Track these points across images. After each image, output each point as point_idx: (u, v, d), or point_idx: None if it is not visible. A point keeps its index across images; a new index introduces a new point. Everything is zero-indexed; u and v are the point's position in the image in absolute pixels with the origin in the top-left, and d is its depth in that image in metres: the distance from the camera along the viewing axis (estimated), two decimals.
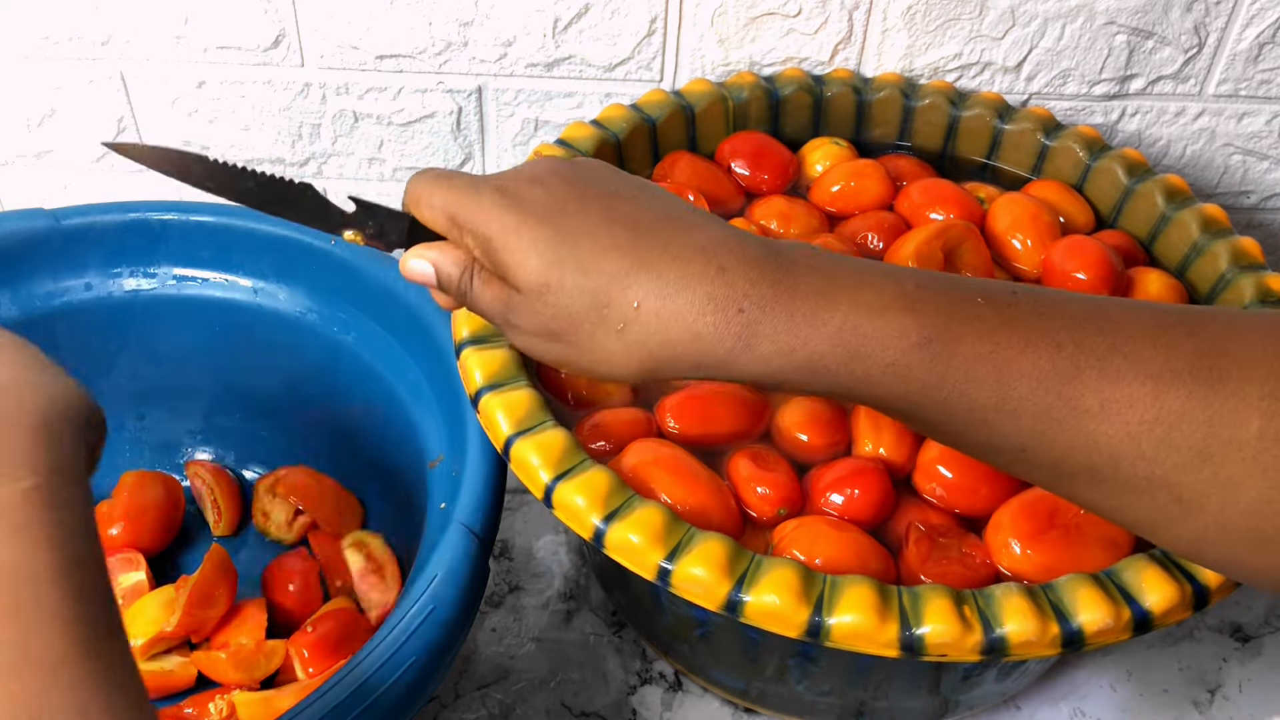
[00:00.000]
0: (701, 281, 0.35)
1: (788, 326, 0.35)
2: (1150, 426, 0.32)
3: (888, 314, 0.34)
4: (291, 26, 0.65)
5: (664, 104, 0.62)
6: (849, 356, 0.35)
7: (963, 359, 0.34)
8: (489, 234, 0.37)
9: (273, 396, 0.62)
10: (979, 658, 0.38)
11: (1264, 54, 0.67)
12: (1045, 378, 0.33)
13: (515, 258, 0.36)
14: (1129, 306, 0.35)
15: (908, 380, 0.34)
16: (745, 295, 0.35)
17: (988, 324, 0.34)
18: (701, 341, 0.35)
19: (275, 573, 0.57)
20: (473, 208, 0.38)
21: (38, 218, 0.58)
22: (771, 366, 0.35)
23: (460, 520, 0.44)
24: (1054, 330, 0.34)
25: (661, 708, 0.54)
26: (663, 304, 0.35)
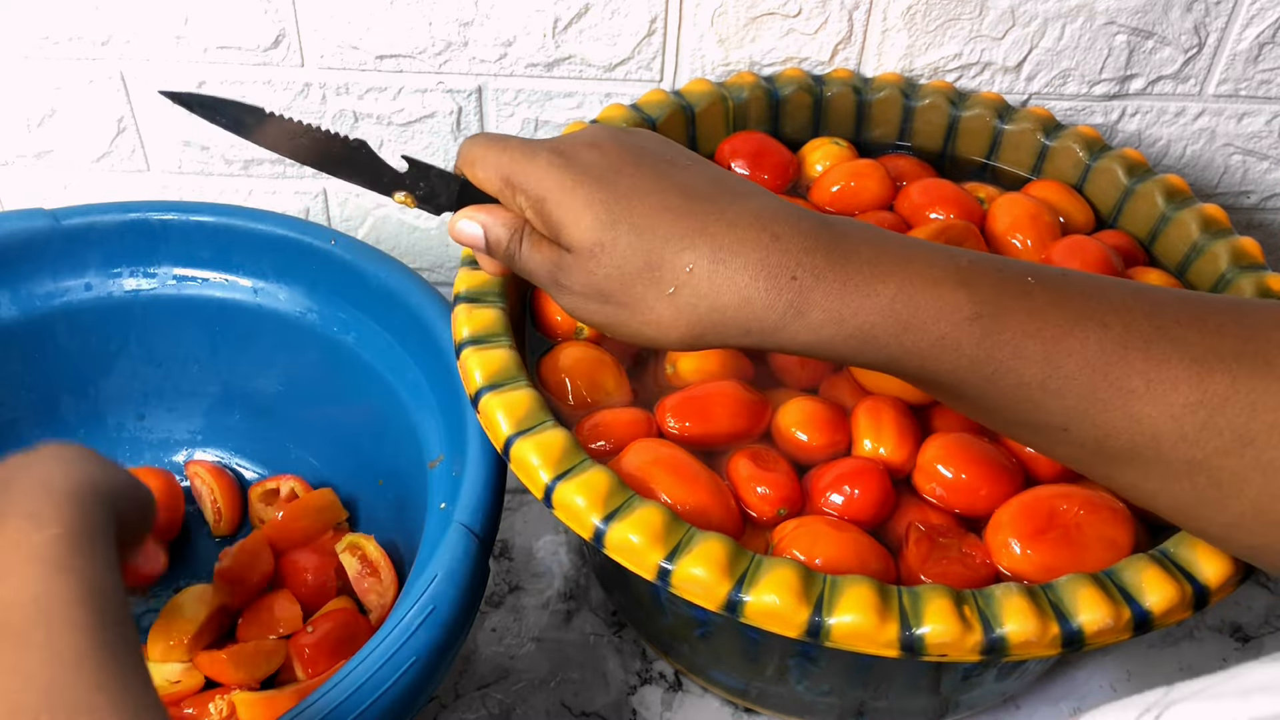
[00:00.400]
0: (755, 248, 0.35)
1: (840, 295, 0.35)
2: (1194, 409, 0.33)
3: (941, 287, 0.35)
4: (291, 26, 0.65)
5: (664, 104, 0.62)
6: (900, 328, 0.35)
7: (1012, 334, 0.34)
8: (543, 193, 0.37)
9: (273, 396, 0.62)
10: (979, 658, 0.38)
11: (1264, 54, 0.67)
12: (1092, 356, 0.34)
13: (570, 216, 0.37)
14: (1176, 293, 0.35)
15: (957, 354, 0.35)
16: (799, 263, 0.35)
17: (1037, 301, 0.34)
18: (753, 306, 0.35)
19: (289, 568, 0.57)
20: (528, 167, 0.38)
21: (38, 218, 0.58)
22: (822, 335, 0.35)
23: (460, 520, 0.44)
24: (1102, 311, 0.34)
25: (661, 708, 0.54)
26: (716, 268, 0.35)
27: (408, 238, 0.76)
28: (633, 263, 0.36)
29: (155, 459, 0.63)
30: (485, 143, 0.40)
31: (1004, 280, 0.35)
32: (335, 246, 0.57)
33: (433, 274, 0.78)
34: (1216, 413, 0.32)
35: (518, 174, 0.38)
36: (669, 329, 0.37)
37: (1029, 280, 0.35)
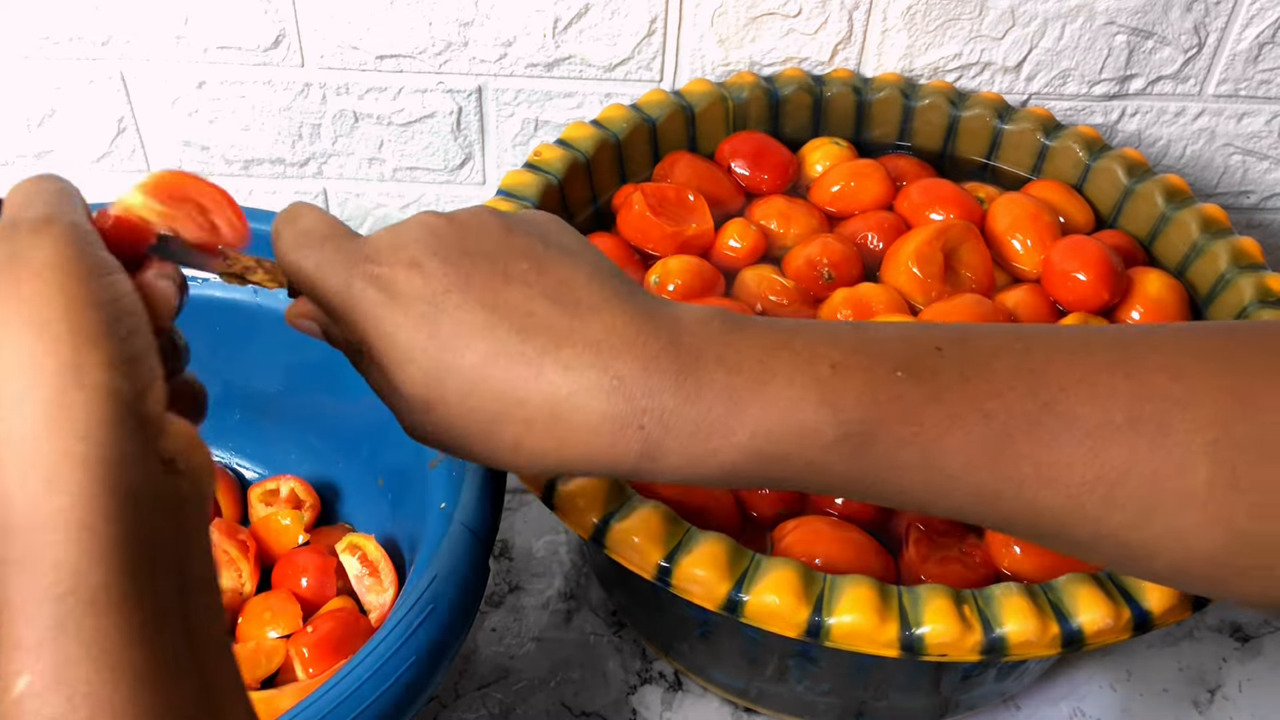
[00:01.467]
0: (595, 397, 0.32)
1: (693, 440, 0.32)
2: (1091, 486, 0.30)
3: (800, 412, 0.31)
4: (291, 26, 0.65)
5: (664, 104, 0.62)
6: (764, 462, 0.32)
7: (885, 447, 0.32)
8: (365, 336, 0.33)
9: (273, 396, 0.62)
10: (979, 658, 0.38)
11: (1264, 54, 0.67)
12: (975, 454, 0.31)
13: (394, 366, 0.33)
14: (1062, 349, 0.32)
15: (829, 475, 0.32)
16: (644, 410, 0.32)
17: (909, 403, 0.31)
18: (601, 458, 0.32)
19: (287, 568, 0.57)
20: (344, 301, 0.34)
21: None
22: (682, 475, 0.33)
23: (460, 520, 0.44)
24: (982, 398, 0.31)
25: (661, 708, 0.54)
26: (556, 422, 0.32)
27: None
28: (468, 420, 0.33)
29: None
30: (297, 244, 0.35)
31: (872, 384, 0.32)
32: None
33: None
34: (1116, 487, 0.30)
35: (333, 307, 0.34)
36: (525, 472, 0.35)
37: (899, 376, 0.32)
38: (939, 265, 0.54)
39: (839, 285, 0.55)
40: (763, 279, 0.56)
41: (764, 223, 0.59)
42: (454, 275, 0.33)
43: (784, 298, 0.55)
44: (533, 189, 0.56)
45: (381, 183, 0.73)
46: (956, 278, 0.55)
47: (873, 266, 0.58)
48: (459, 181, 0.73)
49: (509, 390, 0.32)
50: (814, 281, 0.56)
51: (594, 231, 0.59)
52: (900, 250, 0.55)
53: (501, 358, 0.32)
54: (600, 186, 0.61)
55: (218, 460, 0.64)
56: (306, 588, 0.56)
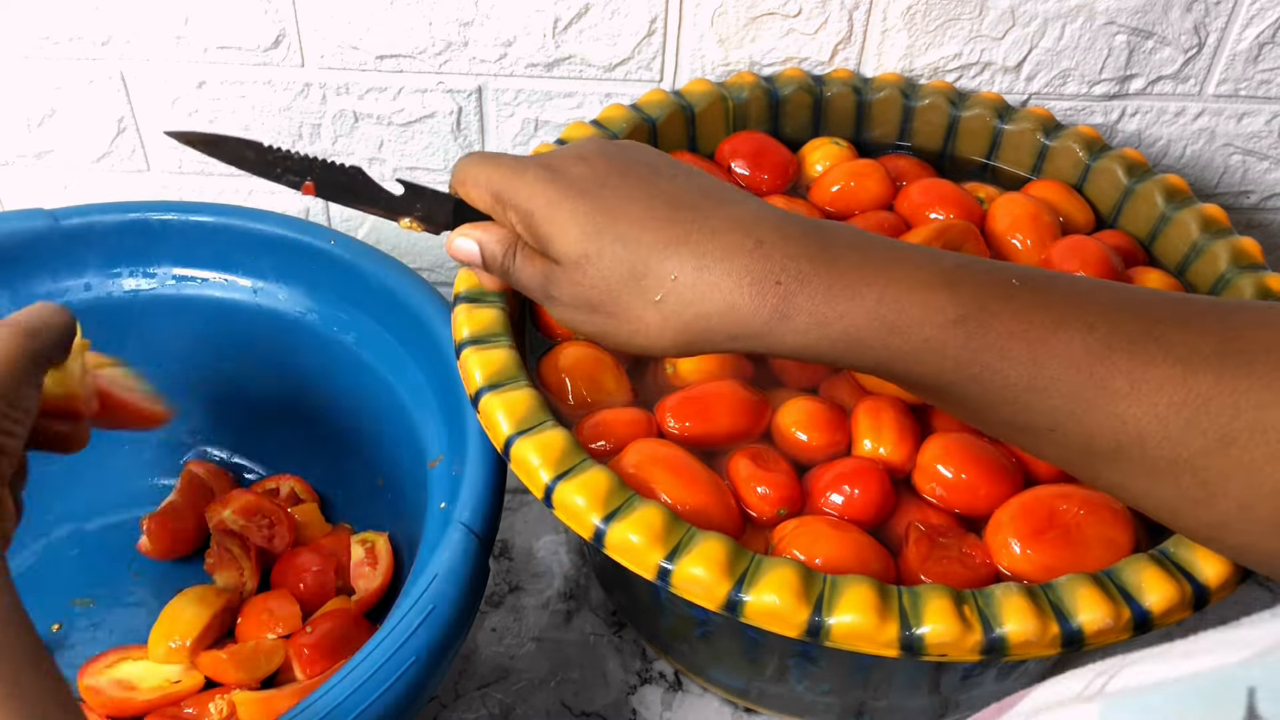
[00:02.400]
0: (739, 254, 0.35)
1: (825, 300, 0.35)
2: (1178, 409, 0.33)
3: (925, 290, 0.35)
4: (291, 26, 0.65)
5: (664, 104, 0.62)
6: (885, 331, 0.35)
7: (997, 336, 0.34)
8: (531, 208, 0.38)
9: (272, 397, 0.62)
10: (979, 658, 0.38)
11: (1264, 54, 0.67)
12: (1077, 357, 0.34)
13: (557, 229, 0.37)
14: (1161, 294, 0.36)
15: (943, 356, 0.35)
16: (783, 268, 0.35)
17: (1022, 303, 0.35)
18: (738, 312, 0.35)
19: (287, 568, 0.57)
20: (517, 183, 0.38)
21: (37, 218, 0.58)
22: (808, 339, 0.36)
23: (460, 520, 0.44)
24: (1087, 312, 0.34)
25: (661, 708, 0.54)
26: (699, 275, 0.35)
27: (408, 238, 0.76)
28: (618, 272, 0.37)
29: (157, 459, 0.63)
30: (477, 161, 0.41)
31: (989, 282, 0.35)
32: (335, 246, 0.57)
33: (433, 274, 0.78)
34: (1200, 412, 0.33)
35: (507, 190, 0.39)
36: (657, 336, 0.37)
37: (1014, 282, 0.35)
38: None
39: None
40: None
41: None
42: (614, 166, 0.38)
43: None
44: None
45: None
46: None
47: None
48: None
49: (659, 247, 0.36)
50: None
51: None
52: None
53: (654, 221, 0.37)
54: None
55: (219, 460, 0.64)
56: (306, 588, 0.56)
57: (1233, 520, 0.33)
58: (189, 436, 0.64)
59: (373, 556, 0.56)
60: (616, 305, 0.37)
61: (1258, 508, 0.32)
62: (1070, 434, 0.35)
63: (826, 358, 0.36)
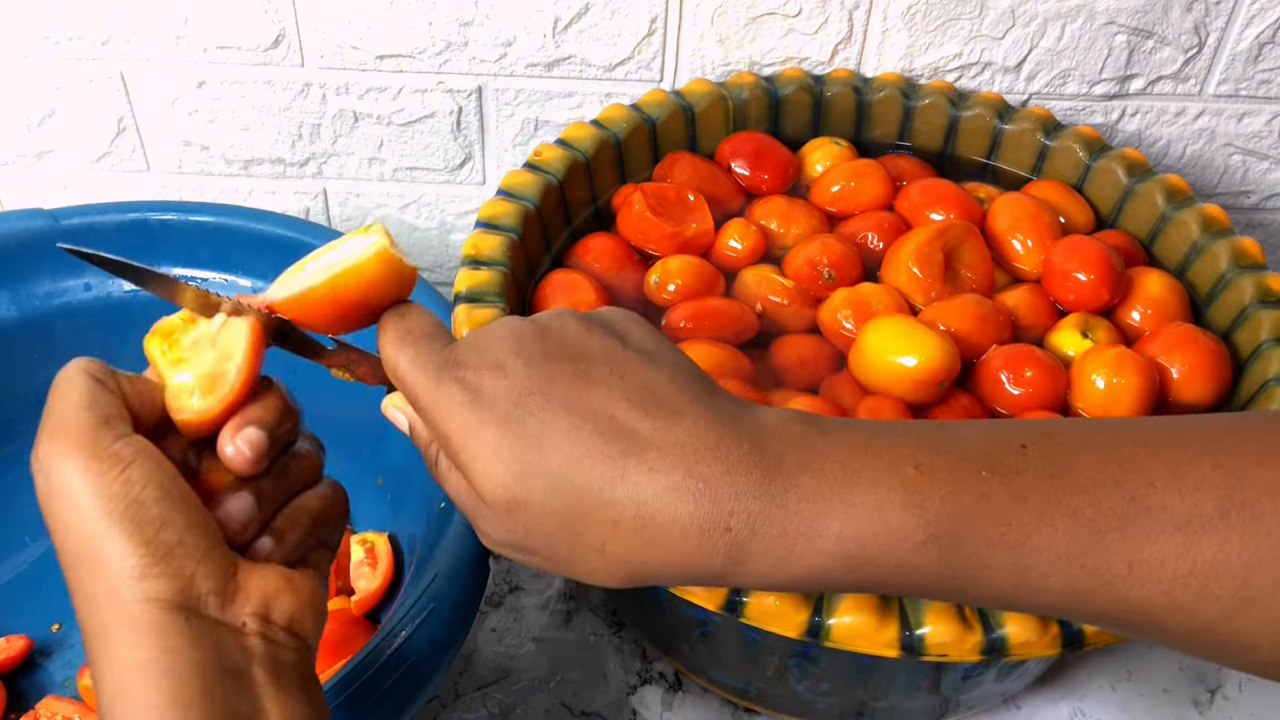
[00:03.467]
0: (682, 499, 0.32)
1: (780, 543, 0.32)
2: (1184, 581, 0.30)
3: (887, 514, 0.32)
4: (291, 26, 0.65)
5: (664, 104, 0.62)
6: (852, 565, 0.32)
7: (974, 547, 0.32)
8: (448, 433, 0.34)
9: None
10: (979, 658, 0.38)
11: (1264, 54, 0.67)
12: (1064, 551, 0.31)
13: (477, 466, 0.33)
14: (1149, 442, 0.32)
15: (920, 576, 0.32)
16: (730, 513, 0.32)
17: (996, 502, 0.32)
18: (689, 560, 0.32)
19: None
20: (430, 399, 0.34)
21: (38, 218, 0.58)
22: (770, 580, 0.33)
23: (460, 520, 0.44)
24: (1068, 494, 0.31)
25: (661, 708, 0.54)
26: (641, 525, 0.32)
27: (408, 238, 0.76)
28: (553, 521, 0.33)
29: None
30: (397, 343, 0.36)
31: (957, 483, 0.32)
32: None
33: (433, 274, 0.78)
34: (1210, 581, 0.30)
35: (420, 402, 0.35)
36: (604, 578, 0.34)
37: (984, 475, 0.32)
38: (939, 265, 0.54)
39: (839, 285, 0.55)
40: (763, 279, 0.56)
41: (764, 223, 0.59)
42: (536, 377, 0.33)
43: (784, 298, 0.55)
44: (533, 189, 0.56)
45: (381, 183, 0.73)
46: (956, 278, 0.55)
47: (873, 266, 0.58)
48: (459, 181, 0.73)
49: (595, 490, 0.32)
50: (814, 281, 0.56)
51: (594, 232, 0.59)
52: (900, 250, 0.55)
53: (586, 459, 0.32)
54: (600, 186, 0.61)
55: None
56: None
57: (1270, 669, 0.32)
58: None
59: (372, 557, 0.56)
60: (553, 552, 0.34)
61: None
62: (1077, 617, 0.33)
63: (797, 590, 0.34)
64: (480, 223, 0.54)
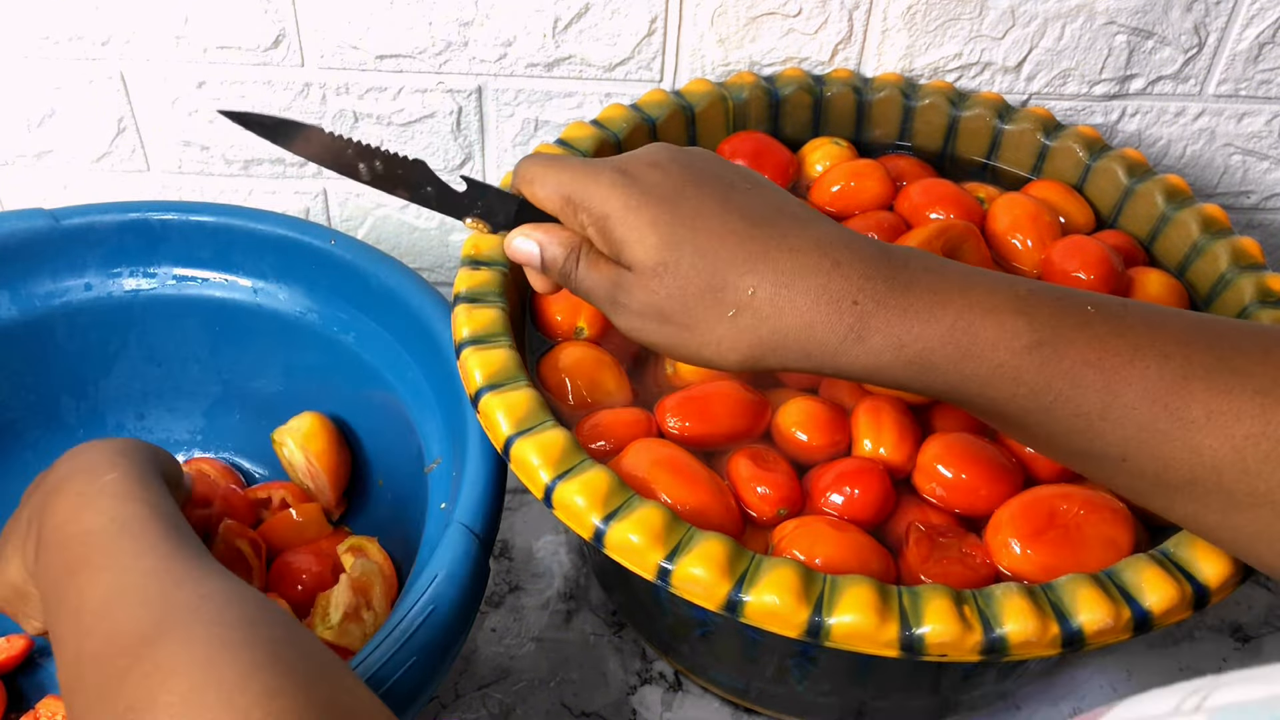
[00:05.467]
0: (817, 273, 0.35)
1: (901, 321, 0.35)
2: (1256, 441, 0.32)
3: (1000, 314, 0.34)
4: (291, 26, 0.65)
5: (664, 104, 0.63)
6: (960, 355, 0.35)
7: (1071, 363, 0.34)
8: (607, 211, 0.37)
9: (273, 396, 0.62)
10: (979, 658, 0.38)
11: (1264, 54, 0.67)
12: (1152, 387, 0.33)
13: (634, 235, 0.37)
14: (1237, 324, 0.35)
15: (1016, 382, 0.35)
16: (860, 289, 0.35)
17: (1097, 331, 0.34)
18: (814, 330, 0.35)
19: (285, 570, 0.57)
20: (591, 186, 0.38)
21: (38, 218, 0.58)
22: (881, 360, 0.35)
23: (460, 520, 0.44)
24: (1162, 341, 0.34)
25: (661, 708, 0.54)
26: (777, 291, 0.35)
27: (408, 238, 0.76)
28: (695, 284, 0.36)
29: None
30: (545, 161, 0.40)
31: (1063, 309, 0.35)
32: (335, 246, 0.57)
33: (433, 274, 0.78)
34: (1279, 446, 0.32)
35: (580, 192, 0.38)
36: (729, 351, 0.37)
37: (1088, 309, 0.35)
38: None
39: None
40: None
41: None
42: (689, 176, 0.38)
43: None
44: None
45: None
46: None
47: None
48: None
49: (739, 260, 0.36)
50: None
51: None
52: None
53: (732, 235, 0.36)
54: None
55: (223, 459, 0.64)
56: (303, 589, 0.56)
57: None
58: (189, 436, 0.64)
59: (364, 596, 0.56)
60: (690, 317, 0.37)
61: None
62: (1143, 464, 0.34)
63: (898, 380, 0.36)
64: None
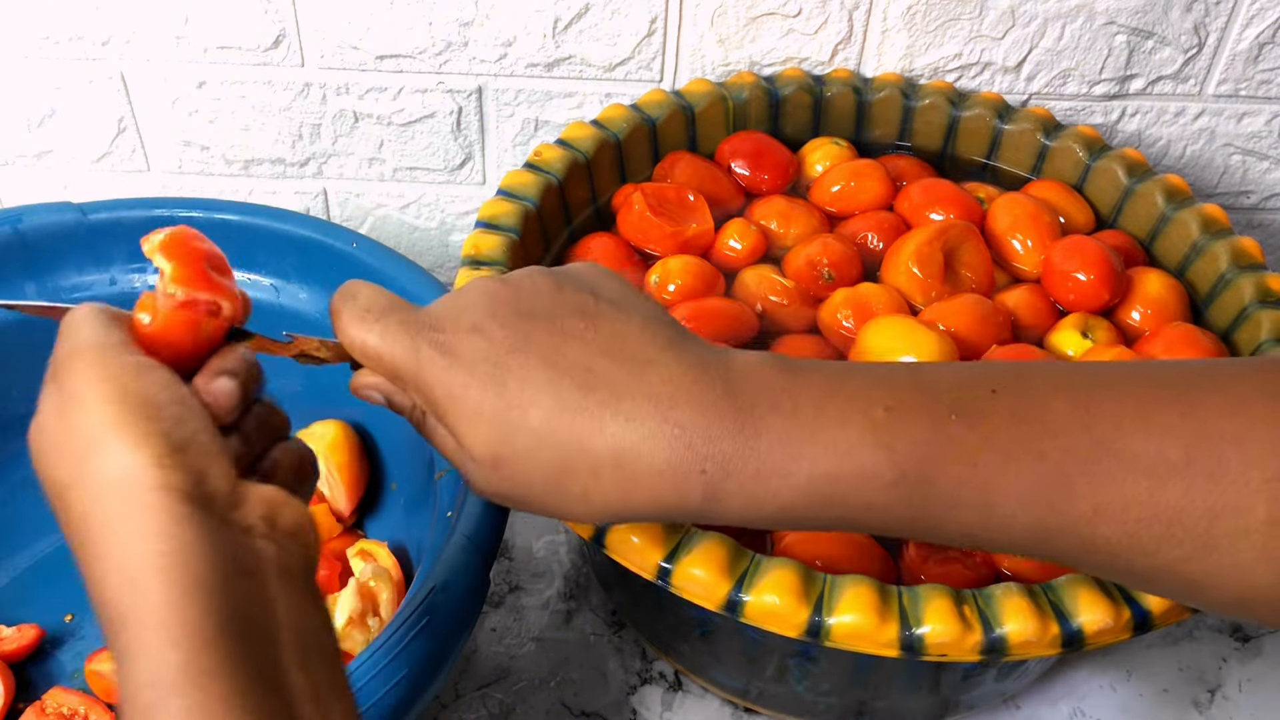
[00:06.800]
0: (659, 445, 0.33)
1: (754, 483, 0.33)
2: (1148, 524, 0.31)
3: (857, 455, 0.32)
4: (291, 26, 0.65)
5: (664, 104, 0.62)
6: (823, 504, 0.33)
7: (942, 488, 0.32)
8: (433, 399, 0.35)
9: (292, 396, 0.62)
10: (979, 658, 0.38)
11: (1264, 54, 0.67)
12: (1031, 492, 0.32)
13: (463, 427, 0.34)
14: (1117, 388, 0.33)
15: (888, 515, 0.33)
16: (704, 456, 0.33)
17: (964, 446, 0.32)
18: (666, 503, 0.34)
19: None
20: (411, 368, 0.35)
21: (65, 211, 0.58)
22: (745, 518, 0.34)
23: (462, 532, 0.44)
24: (1036, 438, 0.32)
25: (661, 708, 0.54)
26: (620, 472, 0.33)
27: (408, 237, 0.76)
28: (537, 475, 0.34)
29: None
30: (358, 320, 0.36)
31: (926, 428, 0.33)
32: (357, 249, 0.57)
33: (433, 274, 0.77)
34: (1173, 525, 0.31)
35: (402, 372, 0.35)
36: (590, 519, 0.35)
37: (952, 419, 0.33)
38: (939, 265, 0.54)
39: (839, 285, 0.55)
40: (763, 279, 0.56)
41: (764, 223, 0.59)
42: (514, 336, 0.34)
43: (784, 298, 0.55)
44: (533, 189, 0.56)
45: (381, 183, 0.73)
46: (956, 278, 0.55)
47: (873, 266, 0.58)
48: (459, 182, 0.73)
49: (574, 443, 0.33)
50: (814, 281, 0.56)
51: (594, 232, 0.59)
52: (900, 250, 0.55)
53: (565, 413, 0.33)
54: (600, 187, 0.61)
55: None
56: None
57: (1236, 610, 0.32)
58: None
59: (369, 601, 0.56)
60: (540, 502, 0.35)
61: (1260, 599, 0.31)
62: (1041, 555, 0.34)
63: (771, 526, 0.35)
64: (480, 223, 0.54)
